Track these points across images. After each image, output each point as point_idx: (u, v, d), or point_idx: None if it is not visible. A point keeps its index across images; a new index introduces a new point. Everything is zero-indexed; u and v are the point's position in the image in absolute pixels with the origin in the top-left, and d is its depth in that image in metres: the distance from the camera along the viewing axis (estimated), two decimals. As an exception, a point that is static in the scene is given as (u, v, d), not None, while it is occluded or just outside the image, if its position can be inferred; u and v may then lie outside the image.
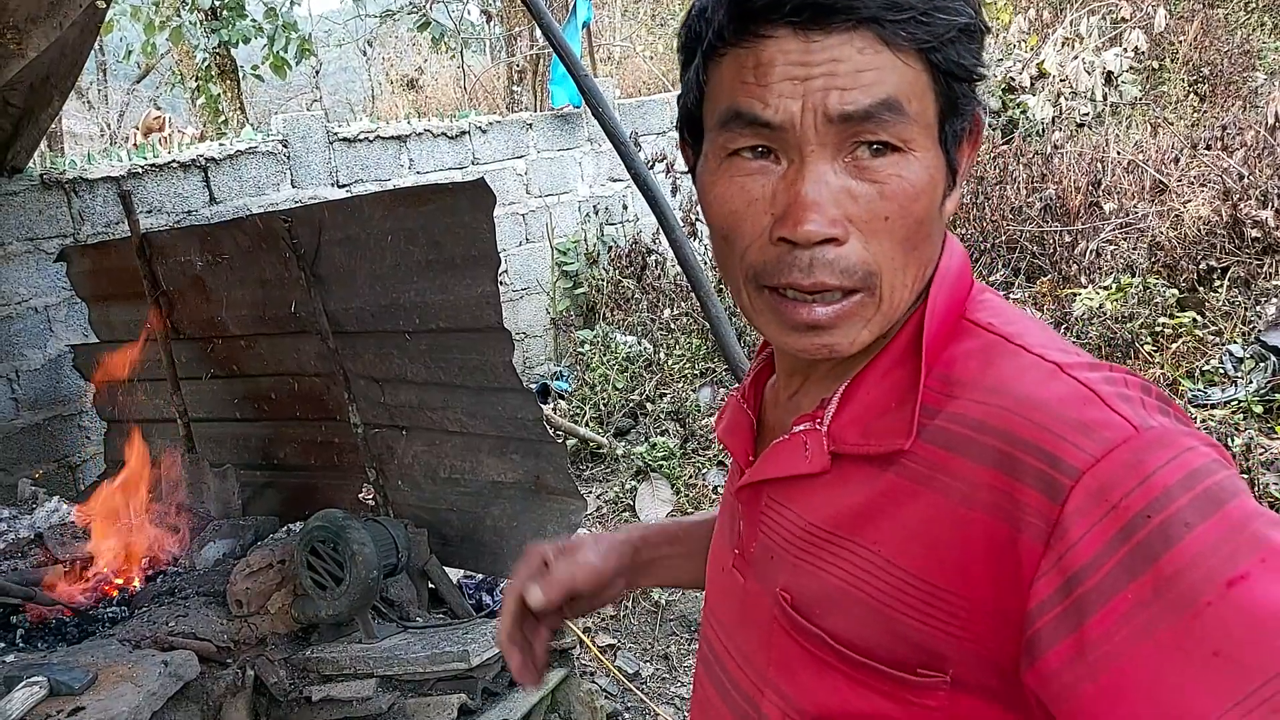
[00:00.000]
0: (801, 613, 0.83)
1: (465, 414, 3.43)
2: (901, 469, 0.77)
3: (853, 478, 0.81)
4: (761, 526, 0.90)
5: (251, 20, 8.72)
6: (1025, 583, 0.68)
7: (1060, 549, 0.66)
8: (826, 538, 0.82)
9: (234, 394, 4.11)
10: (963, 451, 0.74)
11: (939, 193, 0.76)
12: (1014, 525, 0.69)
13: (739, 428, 0.97)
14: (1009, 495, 0.70)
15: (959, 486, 0.73)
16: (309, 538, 3.14)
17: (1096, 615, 0.65)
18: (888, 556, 0.77)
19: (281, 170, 5.49)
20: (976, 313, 0.82)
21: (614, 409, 5.63)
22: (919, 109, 0.73)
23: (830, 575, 0.81)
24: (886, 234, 0.74)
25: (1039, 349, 0.76)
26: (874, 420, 0.81)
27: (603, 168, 7.36)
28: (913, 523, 0.75)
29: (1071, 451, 0.68)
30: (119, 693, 2.71)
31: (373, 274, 3.39)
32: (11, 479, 4.48)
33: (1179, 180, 4.86)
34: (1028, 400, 0.72)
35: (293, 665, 3.14)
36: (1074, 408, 0.70)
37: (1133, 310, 4.07)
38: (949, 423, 0.75)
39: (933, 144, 0.75)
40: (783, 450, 0.87)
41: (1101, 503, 0.66)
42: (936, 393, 0.78)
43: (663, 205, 3.28)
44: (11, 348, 4.54)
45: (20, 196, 4.52)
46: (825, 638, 0.80)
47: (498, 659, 3.10)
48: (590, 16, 7.00)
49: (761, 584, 0.89)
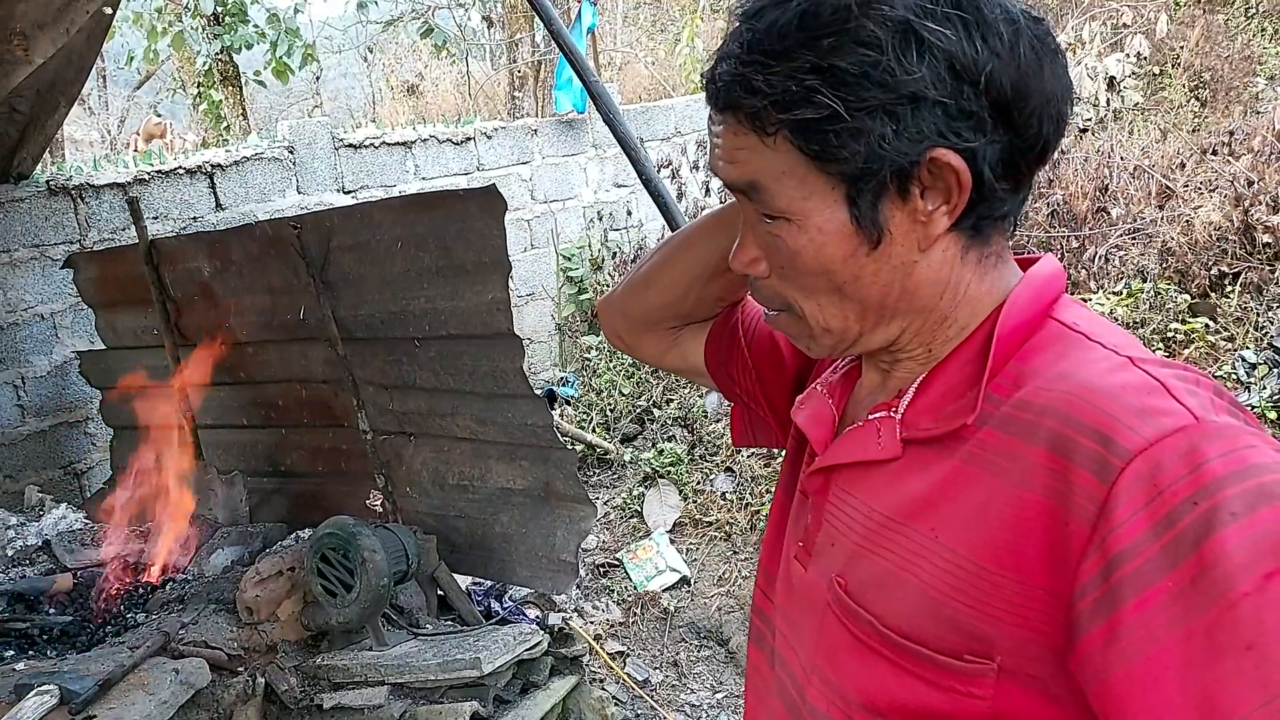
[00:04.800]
0: (854, 598, 0.84)
1: (475, 420, 3.42)
2: (966, 455, 0.79)
3: (920, 465, 0.83)
4: (826, 515, 0.92)
5: (254, 26, 8.72)
6: (1073, 564, 0.69)
7: (1104, 531, 0.67)
8: (887, 524, 0.83)
9: (241, 400, 4.10)
10: (1023, 435, 0.75)
11: (843, 249, 0.81)
12: (1066, 506, 0.70)
13: (821, 419, 0.98)
14: (1063, 476, 0.71)
15: (1017, 469, 0.74)
16: (319, 545, 3.13)
17: (1132, 601, 0.65)
18: (944, 541, 0.78)
19: (287, 176, 5.49)
20: (1062, 313, 0.84)
21: (621, 415, 5.63)
22: (794, 186, 0.80)
23: (884, 560, 0.83)
24: (789, 278, 0.86)
25: (1114, 345, 0.78)
26: (945, 406, 0.83)
27: (607, 173, 7.36)
28: (970, 507, 0.77)
29: (1126, 434, 0.68)
30: (131, 701, 2.71)
31: (382, 280, 3.39)
32: (18, 486, 4.47)
33: (1186, 185, 4.87)
34: (1092, 385, 0.73)
35: (303, 673, 3.13)
36: (1137, 395, 0.71)
37: (1144, 316, 4.08)
38: (1014, 409, 0.77)
39: (830, 208, 0.80)
40: (856, 436, 0.90)
41: (1149, 487, 0.66)
42: (1007, 383, 0.80)
43: (674, 213, 3.28)
44: (18, 354, 4.53)
45: (26, 203, 4.51)
46: (875, 622, 0.82)
47: (509, 666, 3.09)
48: (595, 23, 7.00)
49: (820, 573, 0.91)
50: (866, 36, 0.74)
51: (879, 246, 0.81)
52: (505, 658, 3.05)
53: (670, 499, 4.89)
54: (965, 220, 0.80)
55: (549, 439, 3.31)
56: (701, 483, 4.91)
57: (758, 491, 4.69)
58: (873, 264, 0.81)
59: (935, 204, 0.79)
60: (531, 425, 3.30)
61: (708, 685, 3.80)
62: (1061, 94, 0.79)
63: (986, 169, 0.77)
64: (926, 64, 0.74)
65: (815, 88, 0.75)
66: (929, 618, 0.77)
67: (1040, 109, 0.78)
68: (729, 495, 4.76)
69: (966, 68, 0.74)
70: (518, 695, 3.18)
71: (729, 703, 3.68)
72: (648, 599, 4.28)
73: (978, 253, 0.83)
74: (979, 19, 0.75)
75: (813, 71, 0.75)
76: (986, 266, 0.84)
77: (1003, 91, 0.76)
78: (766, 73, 0.77)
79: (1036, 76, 0.77)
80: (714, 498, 4.79)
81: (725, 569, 4.42)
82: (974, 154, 0.77)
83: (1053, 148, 0.82)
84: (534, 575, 3.45)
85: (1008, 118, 0.77)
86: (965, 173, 0.76)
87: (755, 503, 4.64)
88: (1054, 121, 0.79)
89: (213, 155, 5.19)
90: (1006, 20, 0.76)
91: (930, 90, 0.74)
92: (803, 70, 0.76)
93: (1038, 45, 0.78)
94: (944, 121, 0.75)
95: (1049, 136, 0.80)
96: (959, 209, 0.79)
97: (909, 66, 0.74)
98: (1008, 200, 0.81)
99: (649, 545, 4.56)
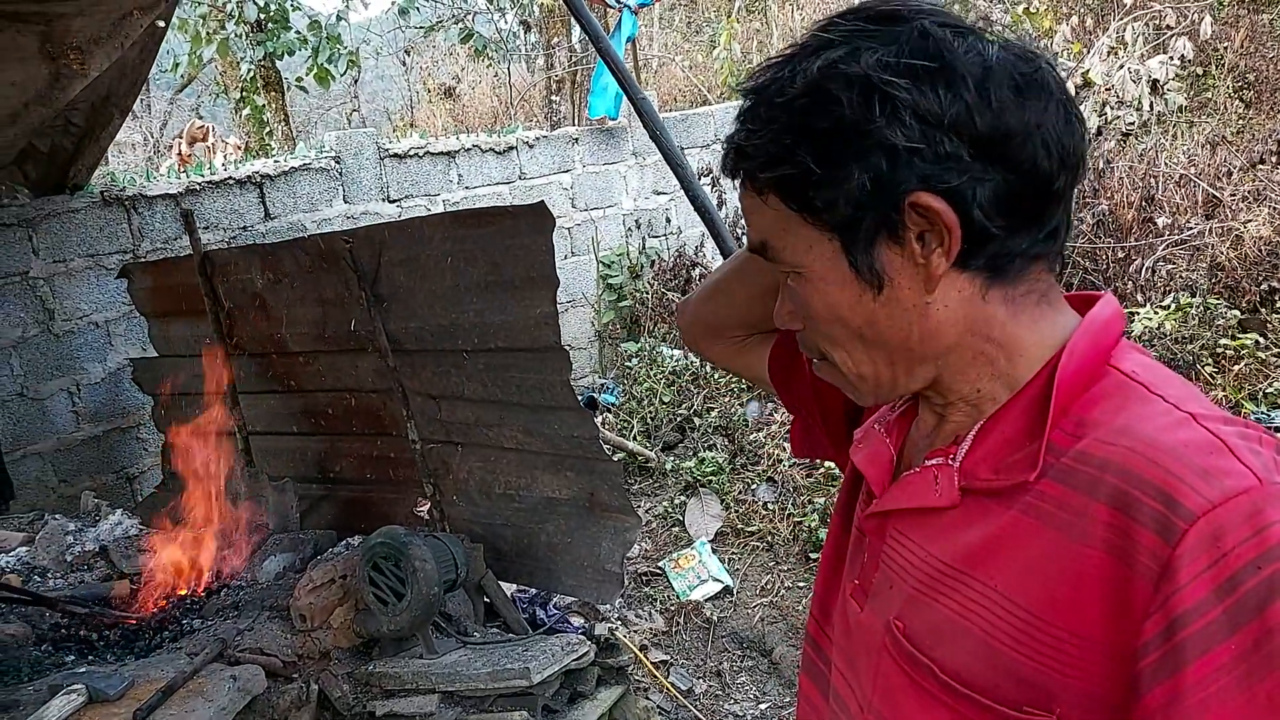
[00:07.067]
0: (913, 643, 0.86)
1: (521, 431, 3.46)
2: (1025, 506, 0.80)
3: (978, 514, 0.84)
4: (883, 557, 0.93)
5: (296, 32, 8.83)
6: (1135, 622, 0.70)
7: (1167, 591, 0.68)
8: (946, 571, 0.85)
9: (292, 408, 4.17)
10: (1084, 489, 0.76)
11: (848, 296, 0.86)
12: (1128, 564, 0.71)
13: (879, 459, 0.99)
14: (1125, 533, 0.72)
15: (1078, 523, 0.75)
16: (371, 553, 3.18)
17: (1195, 663, 0.66)
18: (1003, 591, 0.79)
19: (334, 186, 5.56)
20: (1122, 361, 0.84)
21: (661, 423, 5.65)
22: (794, 241, 0.86)
23: (944, 608, 0.84)
24: (815, 329, 0.91)
25: (1175, 399, 0.78)
26: (1005, 457, 0.83)
27: (646, 181, 7.39)
28: (1031, 559, 0.78)
29: (1190, 495, 0.69)
30: (190, 707, 2.76)
31: (432, 294, 3.44)
32: (73, 490, 4.57)
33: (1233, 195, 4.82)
34: (1154, 442, 0.74)
35: (355, 680, 3.18)
36: (1200, 454, 0.72)
37: (1193, 331, 4.04)
38: (1075, 461, 0.78)
39: (829, 258, 0.84)
40: (914, 482, 0.91)
41: (1212, 549, 0.67)
42: (1067, 434, 0.80)
43: (719, 224, 3.31)
44: (73, 361, 4.64)
45: (81, 214, 4.61)
46: (934, 669, 0.83)
47: (557, 676, 3.13)
48: (635, 31, 7.03)
49: (876, 614, 0.92)
50: (831, 96, 0.79)
51: (883, 291, 0.84)
52: (554, 667, 3.09)
53: (712, 508, 4.90)
54: (974, 260, 0.82)
55: (594, 450, 3.34)
56: (743, 492, 4.92)
57: (800, 502, 4.70)
58: (883, 309, 0.85)
59: (932, 246, 0.81)
60: (578, 437, 3.33)
61: (751, 696, 3.82)
62: (1057, 125, 0.80)
63: (976, 209, 0.79)
64: (891, 115, 0.77)
65: (790, 146, 0.81)
66: (988, 667, 0.79)
67: (1029, 143, 0.79)
68: (771, 505, 4.77)
69: (932, 114, 0.77)
70: (565, 705, 3.21)
71: (772, 714, 3.70)
72: (690, 608, 4.30)
73: (1003, 292, 0.84)
74: (942, 66, 0.78)
75: (788, 132, 0.82)
76: (1023, 306, 0.85)
77: (978, 132, 0.78)
78: (753, 138, 0.84)
79: (1015, 113, 0.78)
80: (756, 507, 4.80)
81: (768, 579, 4.44)
82: (959, 194, 0.79)
83: (1060, 182, 0.82)
84: (579, 585, 3.49)
85: (993, 155, 0.78)
86: (949, 213, 0.79)
87: (797, 513, 4.64)
88: (1051, 154, 0.80)
89: (261, 166, 5.27)
90: (978, 64, 0.79)
91: (900, 139, 0.77)
92: (780, 132, 0.82)
93: (1018, 82, 0.79)
94: (923, 166, 0.78)
95: (1050, 170, 0.80)
96: (954, 249, 0.80)
97: (873, 119, 0.78)
98: (1021, 238, 0.82)
99: (691, 554, 4.58)
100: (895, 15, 0.82)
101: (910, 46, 0.79)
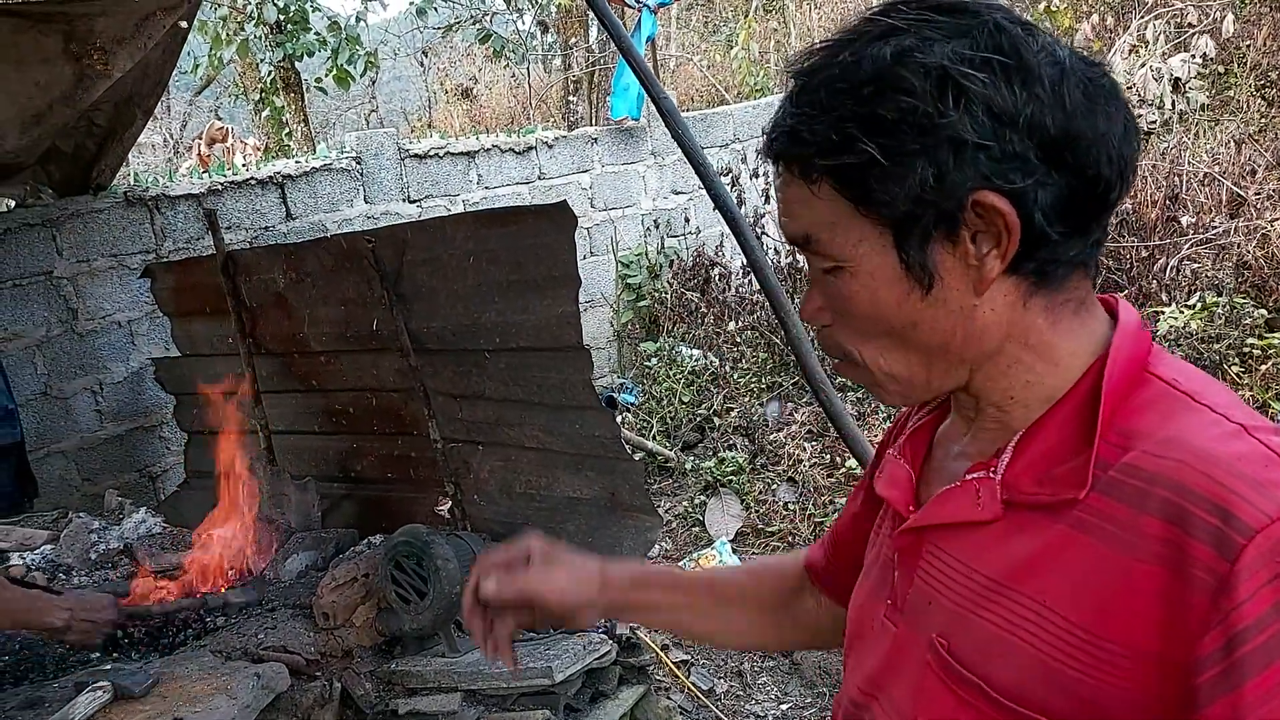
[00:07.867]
0: (959, 659, 0.84)
1: (542, 431, 3.46)
2: (1073, 520, 0.78)
3: (1022, 527, 0.82)
4: (919, 573, 0.91)
5: (315, 33, 8.87)
6: (1191, 637, 0.69)
7: (1226, 607, 0.67)
8: (991, 585, 0.83)
9: (314, 407, 4.18)
10: (1134, 503, 0.75)
11: (895, 294, 0.83)
12: (1182, 579, 0.70)
13: (897, 481, 0.99)
14: (1179, 548, 0.71)
15: (1128, 537, 0.74)
16: (394, 552, 3.19)
17: (1257, 678, 0.66)
18: (1052, 606, 0.78)
19: (355, 186, 5.59)
20: (1159, 367, 0.83)
21: (680, 423, 5.65)
22: (844, 234, 0.83)
23: (990, 623, 0.82)
24: (849, 326, 0.88)
25: (1223, 409, 0.77)
26: (1049, 469, 0.82)
27: (665, 181, 7.39)
28: (1079, 573, 0.77)
29: (1247, 509, 0.68)
30: (215, 704, 2.78)
31: (454, 294, 3.44)
32: (97, 489, 4.60)
33: (1258, 194, 4.78)
34: (1206, 455, 0.73)
35: (378, 678, 3.19)
36: (1254, 466, 0.71)
37: (1220, 330, 4.01)
38: (1122, 475, 0.76)
39: (880, 253, 0.82)
40: (953, 497, 0.89)
41: (1272, 564, 0.66)
42: (1113, 445, 0.78)
43: (741, 224, 3.29)
44: (96, 361, 4.67)
45: (105, 214, 4.65)
46: (983, 686, 0.81)
47: (579, 675, 3.13)
48: (655, 31, 7.03)
49: (915, 631, 0.90)
50: (904, 84, 0.76)
51: (931, 290, 0.82)
52: (576, 667, 3.09)
53: (732, 508, 4.90)
54: (1025, 264, 0.80)
55: (616, 450, 3.34)
56: (764, 492, 4.91)
57: (820, 502, 4.68)
58: (929, 309, 0.82)
59: (987, 248, 0.79)
60: (599, 436, 3.33)
61: (772, 696, 3.81)
62: (1119, 134, 0.79)
63: (1038, 212, 0.77)
64: (964, 109, 0.75)
65: (854, 135, 0.78)
66: (1040, 683, 0.77)
67: (1095, 150, 0.78)
68: (791, 505, 4.76)
69: (1006, 111, 0.75)
70: (587, 704, 3.21)
71: (794, 714, 3.69)
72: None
73: (1044, 299, 0.82)
74: (1019, 63, 0.76)
75: (852, 120, 0.78)
76: (1061, 314, 0.84)
77: (1048, 134, 0.76)
78: (811, 123, 0.80)
79: (1086, 118, 0.77)
80: (776, 507, 4.79)
81: (787, 579, 4.42)
82: (1023, 196, 0.77)
83: (1118, 191, 0.81)
84: (601, 584, 3.48)
85: (1059, 159, 0.77)
86: (1012, 215, 0.77)
87: (818, 513, 4.63)
88: (1113, 163, 0.79)
89: (283, 166, 5.30)
90: (1051, 63, 0.77)
91: (970, 134, 0.75)
92: (843, 119, 0.78)
93: (1088, 87, 0.78)
94: (989, 165, 0.76)
95: (1110, 179, 0.79)
96: (1010, 252, 0.78)
97: (946, 112, 0.75)
98: (1073, 244, 0.80)
99: (711, 554, 4.58)
100: (964, 7, 0.79)
101: (985, 40, 0.77)
